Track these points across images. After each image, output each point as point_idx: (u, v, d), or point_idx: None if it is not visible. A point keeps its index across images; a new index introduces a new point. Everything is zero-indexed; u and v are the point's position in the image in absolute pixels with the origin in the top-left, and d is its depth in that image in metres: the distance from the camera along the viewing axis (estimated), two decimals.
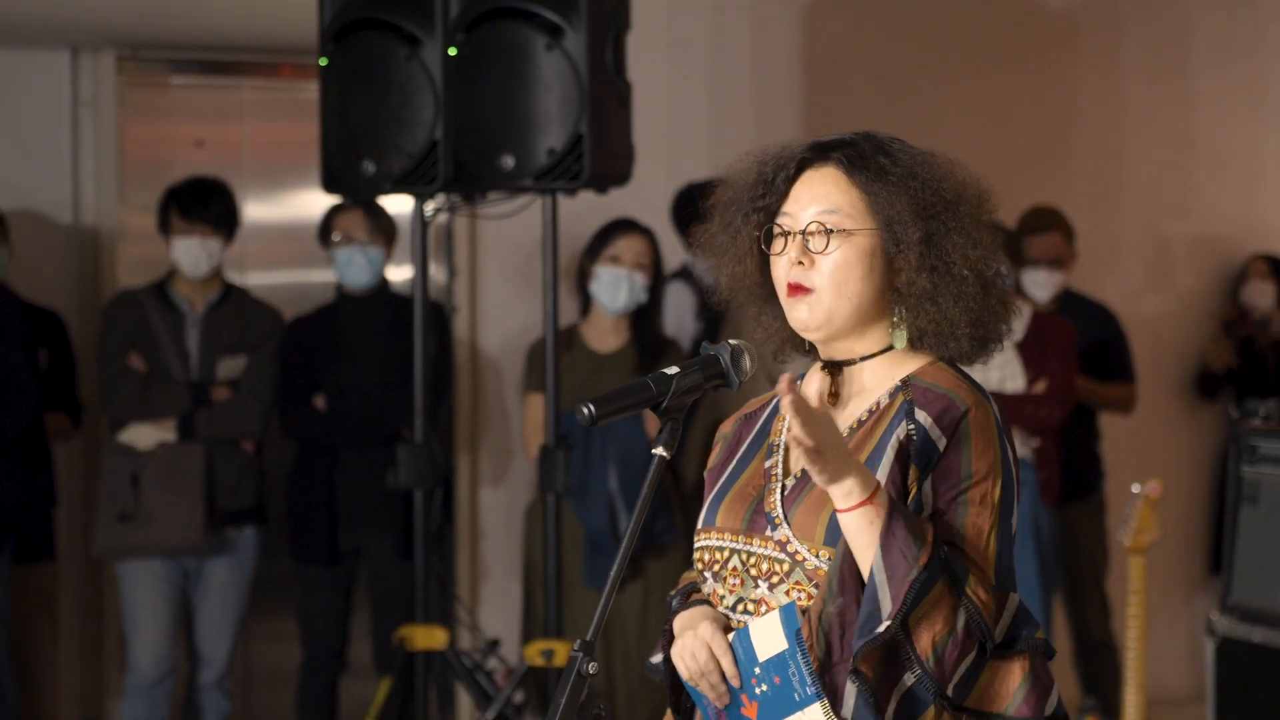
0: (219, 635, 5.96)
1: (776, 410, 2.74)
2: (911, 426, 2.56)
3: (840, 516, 2.49)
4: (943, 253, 2.60)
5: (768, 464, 2.68)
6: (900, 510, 2.49)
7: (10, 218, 6.05)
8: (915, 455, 2.56)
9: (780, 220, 2.65)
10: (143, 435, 5.81)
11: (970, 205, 2.63)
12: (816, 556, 2.55)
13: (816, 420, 2.45)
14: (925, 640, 2.47)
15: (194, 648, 6.00)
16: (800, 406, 2.44)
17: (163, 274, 5.99)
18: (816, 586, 2.55)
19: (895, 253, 2.60)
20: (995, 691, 2.54)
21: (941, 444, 2.55)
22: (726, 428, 2.80)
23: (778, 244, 2.64)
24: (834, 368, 2.67)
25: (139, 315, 5.87)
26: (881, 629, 2.45)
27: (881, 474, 2.54)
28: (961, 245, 2.60)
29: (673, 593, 2.82)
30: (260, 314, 6.03)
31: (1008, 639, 2.54)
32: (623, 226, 5.88)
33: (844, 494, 2.48)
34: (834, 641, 2.51)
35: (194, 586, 5.94)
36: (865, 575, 2.48)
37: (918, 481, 2.55)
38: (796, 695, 2.55)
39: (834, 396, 2.67)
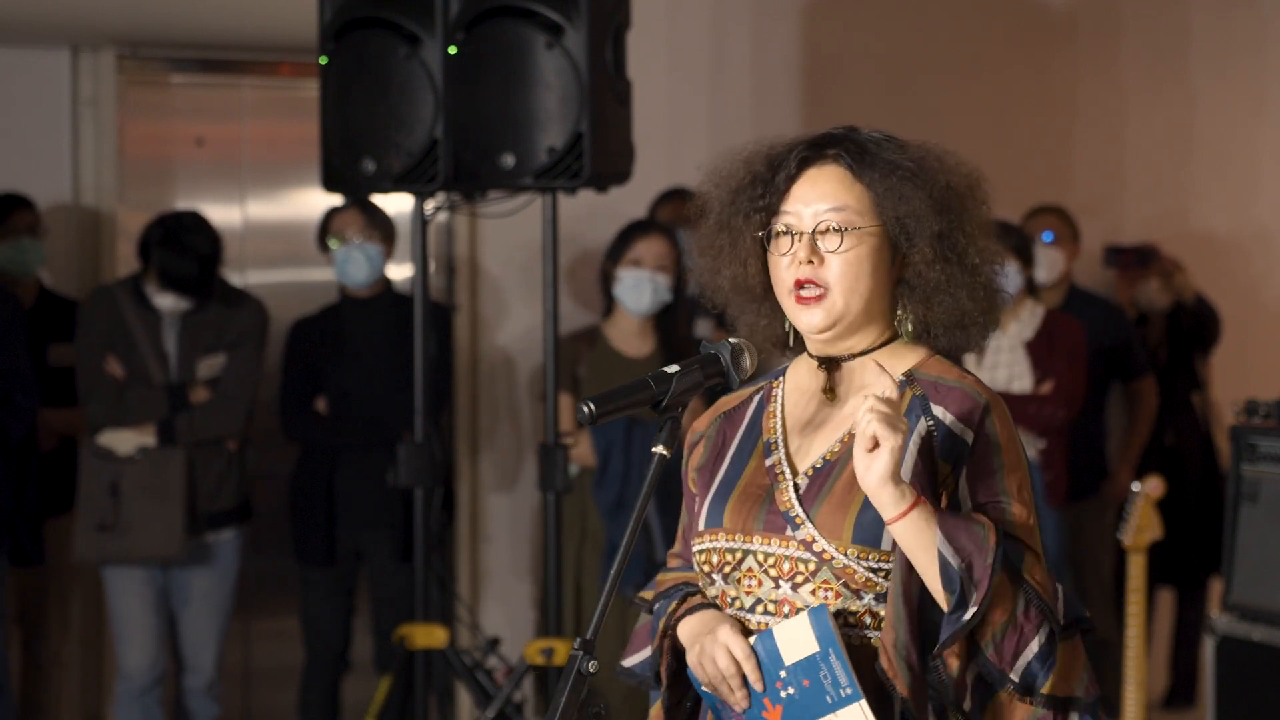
0: (203, 643, 5.90)
1: (763, 407, 2.72)
2: (930, 422, 2.55)
3: (896, 524, 2.47)
4: (955, 244, 2.60)
5: (769, 462, 2.65)
6: (948, 510, 2.51)
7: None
8: (942, 451, 2.55)
9: (784, 219, 2.63)
10: (121, 440, 5.72)
11: (974, 195, 2.63)
12: (845, 554, 2.54)
13: (902, 420, 2.48)
14: (984, 631, 2.48)
15: (179, 654, 5.95)
16: (889, 402, 2.47)
17: (139, 269, 5.86)
18: (845, 584, 2.54)
19: (907, 247, 2.60)
20: (1068, 674, 2.52)
21: (969, 438, 2.54)
22: (702, 425, 2.78)
23: (782, 243, 2.62)
24: (830, 364, 2.67)
25: (115, 315, 5.76)
26: (969, 615, 2.45)
27: (906, 469, 2.52)
28: (973, 235, 2.61)
29: (648, 595, 2.80)
30: (240, 307, 5.89)
31: (1070, 621, 2.53)
32: (643, 228, 5.85)
33: (898, 496, 2.47)
34: (915, 664, 2.50)
35: (175, 594, 5.88)
36: (927, 576, 2.48)
37: (952, 476, 2.55)
38: (829, 698, 2.53)
39: (830, 393, 2.66)
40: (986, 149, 6.94)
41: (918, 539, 2.47)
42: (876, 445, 2.46)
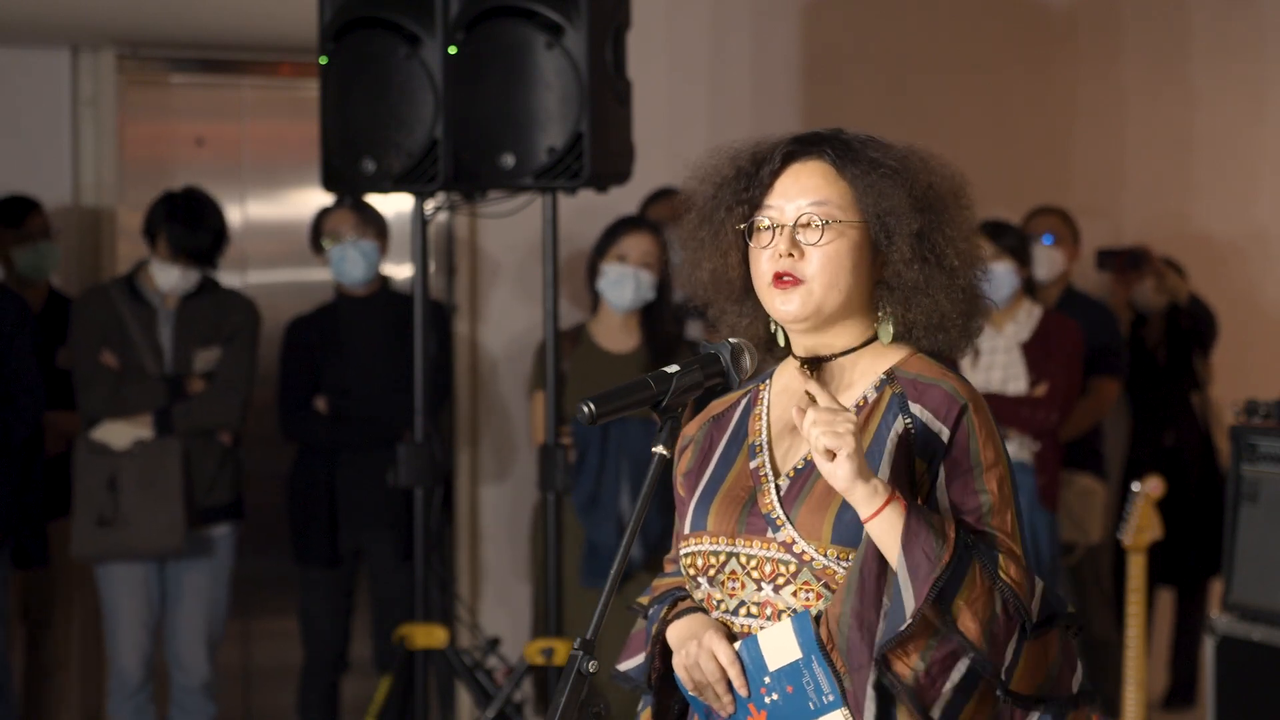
0: (199, 640, 5.85)
1: (749, 410, 2.73)
2: (908, 420, 2.56)
3: (869, 523, 2.49)
4: (934, 245, 2.61)
5: (753, 464, 2.66)
6: (918, 509, 2.49)
7: None
8: (918, 448, 2.56)
9: (766, 213, 2.64)
10: (117, 434, 5.69)
11: (956, 198, 2.64)
12: (825, 555, 2.55)
13: (847, 420, 2.47)
14: (974, 627, 2.47)
15: (174, 652, 5.89)
16: (829, 407, 2.48)
17: (132, 267, 5.88)
18: (825, 585, 2.55)
19: (886, 245, 2.61)
20: (1031, 672, 2.52)
21: (945, 435, 2.55)
22: (692, 430, 2.78)
23: (764, 236, 2.63)
24: (813, 364, 2.67)
25: (109, 310, 5.75)
26: (904, 627, 2.45)
27: (884, 468, 2.54)
28: (953, 238, 2.62)
29: (644, 600, 2.80)
30: (234, 304, 5.89)
31: (1043, 619, 2.52)
32: (630, 224, 5.87)
33: (870, 494, 2.48)
34: (854, 644, 2.50)
35: (170, 590, 5.84)
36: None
37: (928, 474, 2.56)
38: (811, 704, 2.54)
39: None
40: (986, 149, 6.99)
41: (892, 535, 2.48)
42: (834, 455, 2.47)
